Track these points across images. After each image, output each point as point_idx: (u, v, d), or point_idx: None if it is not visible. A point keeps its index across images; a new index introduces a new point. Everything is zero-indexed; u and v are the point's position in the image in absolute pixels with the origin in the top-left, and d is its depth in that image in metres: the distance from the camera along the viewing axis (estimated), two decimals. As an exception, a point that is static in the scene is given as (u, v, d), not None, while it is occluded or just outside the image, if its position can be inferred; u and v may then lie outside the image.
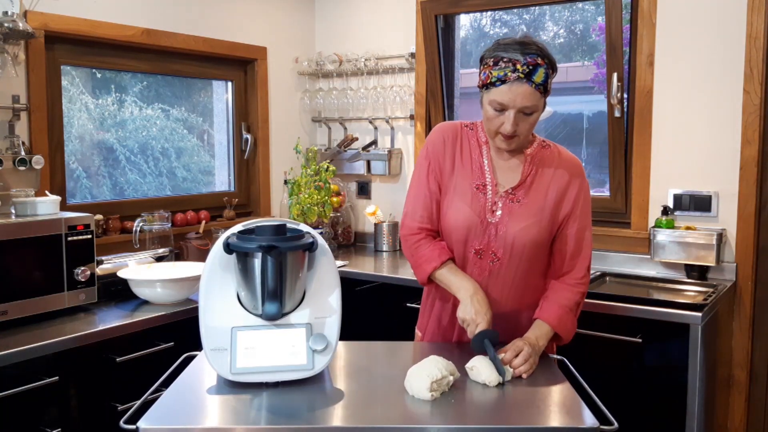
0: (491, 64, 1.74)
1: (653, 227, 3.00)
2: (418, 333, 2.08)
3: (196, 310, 1.74)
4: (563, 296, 1.86)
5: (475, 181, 1.87)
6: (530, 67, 1.70)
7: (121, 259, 2.75)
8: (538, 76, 1.71)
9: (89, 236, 2.48)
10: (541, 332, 1.80)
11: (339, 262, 3.30)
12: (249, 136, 3.73)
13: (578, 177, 1.89)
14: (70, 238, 2.42)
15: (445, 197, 1.90)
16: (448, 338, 1.96)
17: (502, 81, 1.71)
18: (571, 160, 1.91)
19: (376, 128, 3.88)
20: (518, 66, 1.70)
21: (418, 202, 1.92)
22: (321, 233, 2.69)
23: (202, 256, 3.06)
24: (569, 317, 1.85)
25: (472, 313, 1.75)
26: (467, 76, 3.70)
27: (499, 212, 1.84)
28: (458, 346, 1.89)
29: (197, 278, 2.52)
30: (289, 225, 1.63)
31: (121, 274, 2.61)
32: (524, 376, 1.66)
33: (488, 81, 1.75)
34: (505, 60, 1.72)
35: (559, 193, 1.86)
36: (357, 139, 3.89)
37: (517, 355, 1.69)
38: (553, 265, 1.91)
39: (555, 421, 1.45)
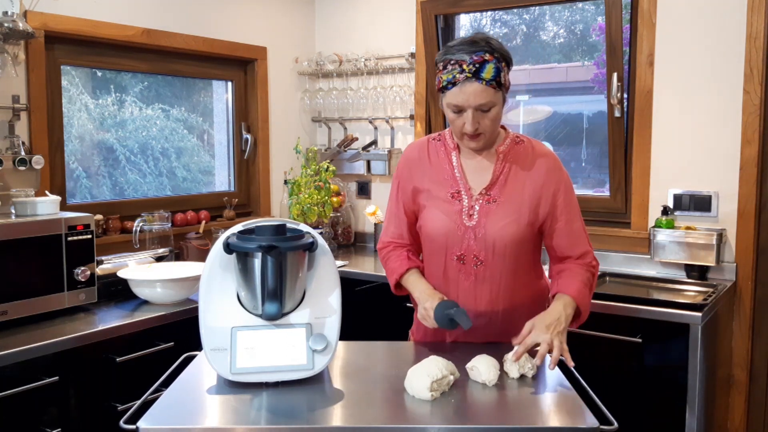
0: (441, 68, 1.78)
1: (653, 227, 3.00)
2: (410, 336, 2.09)
3: (196, 310, 1.74)
4: (577, 272, 1.86)
5: (449, 190, 1.89)
6: (477, 65, 1.72)
7: (121, 259, 2.75)
8: (487, 72, 1.72)
9: (89, 236, 2.48)
10: (566, 301, 1.78)
11: (339, 262, 3.30)
12: (249, 136, 3.73)
13: (555, 170, 1.88)
14: (70, 238, 2.42)
15: (422, 211, 1.93)
16: (440, 336, 1.95)
17: (453, 83, 1.75)
18: (545, 153, 1.91)
19: (376, 128, 3.87)
20: (464, 66, 1.73)
21: (390, 220, 2.01)
22: (321, 233, 2.69)
23: (202, 256, 3.05)
24: (585, 291, 1.84)
25: (425, 303, 1.80)
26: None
27: (476, 215, 1.85)
28: (458, 346, 1.88)
29: (197, 278, 2.52)
30: (289, 225, 1.63)
31: (121, 274, 2.61)
32: (552, 367, 1.63)
33: (441, 85, 1.78)
34: (452, 62, 1.75)
35: (536, 188, 1.86)
36: (357, 139, 3.89)
37: (550, 350, 1.66)
38: (554, 258, 1.93)
39: (555, 421, 1.45)
